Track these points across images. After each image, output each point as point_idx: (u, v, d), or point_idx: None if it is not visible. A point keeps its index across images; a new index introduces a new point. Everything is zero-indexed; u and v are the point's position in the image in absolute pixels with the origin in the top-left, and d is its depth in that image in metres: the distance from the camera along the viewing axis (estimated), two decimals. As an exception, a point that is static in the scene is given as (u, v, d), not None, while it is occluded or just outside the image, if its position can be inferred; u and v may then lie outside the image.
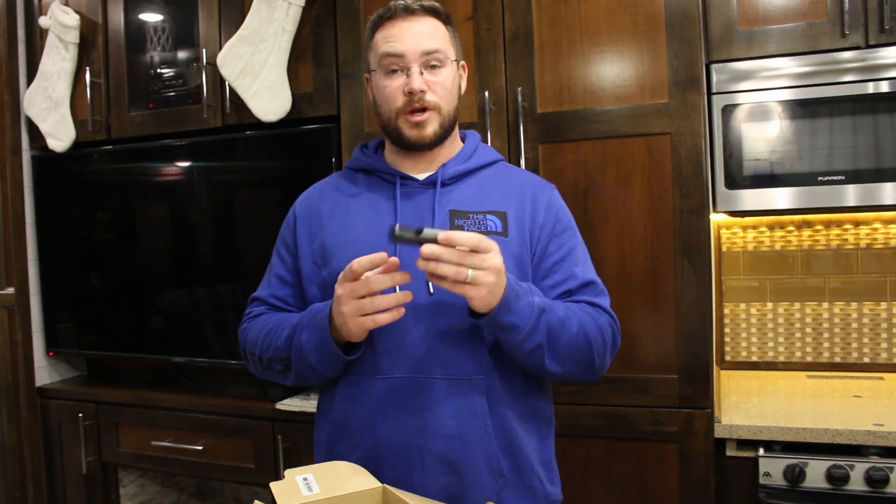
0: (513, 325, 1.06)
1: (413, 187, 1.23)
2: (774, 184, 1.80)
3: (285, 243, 1.30)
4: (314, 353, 1.13)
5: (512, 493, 1.17)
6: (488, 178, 1.26)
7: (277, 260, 1.31)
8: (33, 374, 2.45)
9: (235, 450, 2.12)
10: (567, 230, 1.25)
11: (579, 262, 1.23)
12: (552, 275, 1.21)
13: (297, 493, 0.98)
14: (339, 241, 1.22)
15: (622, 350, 1.74)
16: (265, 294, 1.30)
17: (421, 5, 1.18)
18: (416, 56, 1.16)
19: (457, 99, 1.23)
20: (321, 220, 1.26)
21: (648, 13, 1.70)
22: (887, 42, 1.71)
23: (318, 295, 1.23)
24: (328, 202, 1.28)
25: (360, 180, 1.28)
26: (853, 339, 2.10)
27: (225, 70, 2.05)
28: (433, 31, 1.18)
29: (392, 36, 1.17)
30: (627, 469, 1.75)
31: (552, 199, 1.27)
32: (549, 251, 1.22)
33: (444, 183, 1.23)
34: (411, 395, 1.14)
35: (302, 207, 1.30)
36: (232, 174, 2.26)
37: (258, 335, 1.24)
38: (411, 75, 1.16)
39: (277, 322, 1.22)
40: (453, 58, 1.21)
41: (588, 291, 1.22)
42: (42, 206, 2.49)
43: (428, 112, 1.18)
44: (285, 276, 1.29)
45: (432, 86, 1.17)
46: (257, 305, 1.31)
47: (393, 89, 1.17)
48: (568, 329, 1.12)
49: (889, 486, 1.50)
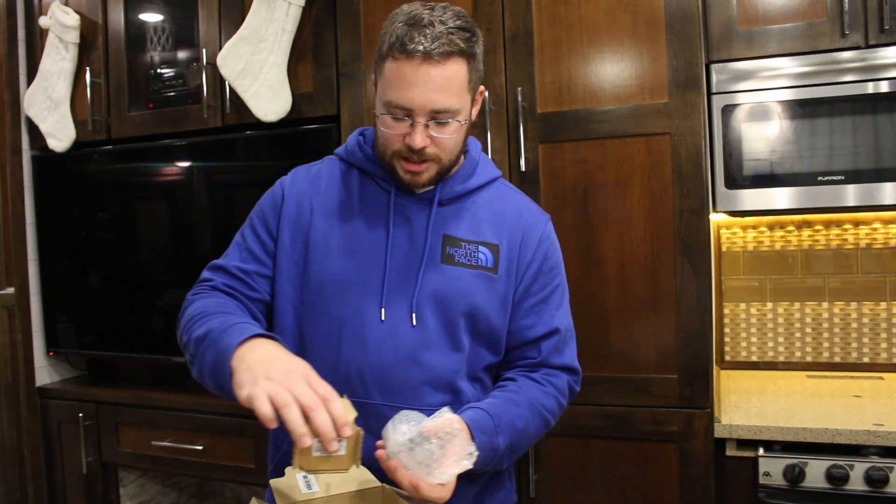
0: (478, 471, 1.08)
1: (409, 201, 1.18)
2: (774, 184, 1.80)
3: (265, 222, 1.22)
4: (211, 375, 1.01)
5: None
6: (486, 202, 1.21)
7: (251, 235, 1.22)
8: (33, 374, 2.45)
9: (235, 450, 2.12)
10: (554, 269, 1.24)
11: (559, 306, 1.24)
12: (530, 315, 1.21)
13: (297, 491, 0.98)
14: (323, 246, 1.17)
15: (622, 350, 1.76)
16: (231, 265, 1.19)
17: (442, 51, 1.04)
18: (423, 112, 1.06)
19: (461, 145, 1.16)
20: (310, 214, 1.19)
21: (648, 13, 1.70)
22: (887, 42, 1.71)
23: (291, 294, 1.18)
24: (320, 195, 1.21)
25: (355, 179, 1.22)
26: (853, 339, 2.10)
27: (225, 70, 2.05)
28: (449, 82, 1.06)
29: (403, 80, 1.05)
30: (627, 469, 1.75)
31: (544, 234, 1.23)
32: (532, 290, 1.21)
33: (441, 202, 1.18)
34: (382, 423, 1.01)
35: (292, 191, 1.22)
36: (232, 174, 2.26)
37: (196, 311, 1.11)
38: (415, 130, 1.07)
39: (215, 309, 1.10)
40: (465, 116, 1.12)
41: (561, 341, 1.22)
42: (42, 206, 2.49)
43: (426, 163, 1.12)
44: (259, 255, 1.20)
45: (436, 140, 1.10)
46: (220, 276, 1.20)
47: (394, 135, 1.10)
48: (527, 433, 1.16)
49: (889, 485, 1.50)
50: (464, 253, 1.16)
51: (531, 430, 1.16)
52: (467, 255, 1.17)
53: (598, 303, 1.76)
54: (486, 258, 1.17)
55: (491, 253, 1.18)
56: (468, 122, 1.14)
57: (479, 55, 1.12)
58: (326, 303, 1.15)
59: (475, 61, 1.11)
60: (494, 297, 1.17)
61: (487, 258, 1.18)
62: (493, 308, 1.17)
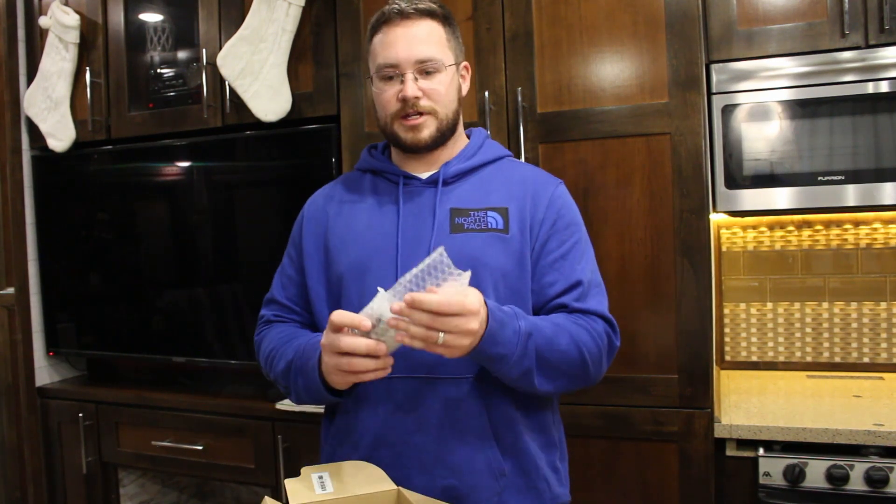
0: (500, 356, 1.05)
1: (416, 186, 1.24)
2: (774, 184, 1.80)
3: (294, 242, 1.32)
4: (308, 396, 1.16)
5: (514, 494, 1.17)
6: (491, 174, 1.26)
7: (287, 260, 1.33)
8: (33, 374, 2.45)
9: (235, 450, 2.12)
10: (570, 226, 1.23)
11: (580, 260, 1.21)
12: (551, 272, 1.19)
13: (310, 491, 0.98)
14: (341, 241, 1.23)
15: (622, 350, 1.74)
16: (279, 296, 1.32)
17: (416, 8, 1.17)
18: (409, 64, 1.16)
19: (456, 101, 1.23)
20: (326, 219, 1.27)
21: (648, 13, 1.70)
22: (887, 42, 1.71)
23: (323, 294, 1.24)
24: (334, 203, 1.29)
25: (367, 181, 1.29)
26: (853, 339, 2.10)
27: (225, 70, 2.05)
28: (428, 35, 1.17)
29: (387, 43, 1.17)
30: (627, 469, 1.75)
31: (555, 194, 1.24)
32: (549, 248, 1.20)
33: (446, 181, 1.23)
34: (409, 396, 1.14)
35: (310, 209, 1.32)
36: (232, 174, 2.26)
37: (266, 352, 1.26)
38: (405, 82, 1.16)
39: (280, 343, 1.23)
40: (450, 62, 1.20)
41: (584, 292, 1.19)
42: (42, 206, 2.49)
43: (423, 116, 1.18)
44: (293, 276, 1.31)
45: (427, 92, 1.17)
46: (271, 309, 1.33)
47: (388, 96, 1.18)
48: (557, 347, 1.10)
49: (889, 485, 1.50)
50: (473, 220, 1.19)
51: (562, 344, 1.10)
52: (477, 221, 1.19)
53: (598, 303, 1.76)
54: (496, 221, 1.19)
55: (500, 216, 1.20)
56: (457, 78, 1.23)
57: (453, 24, 1.23)
58: (349, 291, 1.19)
59: (451, 27, 1.22)
60: (510, 257, 1.17)
61: (497, 221, 1.19)
62: (510, 267, 1.17)
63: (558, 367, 1.11)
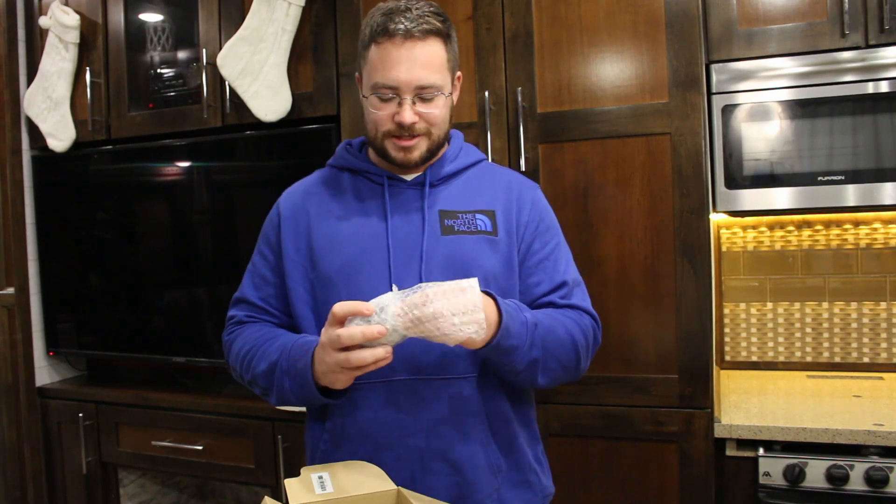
0: (513, 347, 1.07)
1: (401, 188, 1.23)
2: (774, 184, 1.80)
3: (268, 242, 1.28)
4: (297, 398, 1.13)
5: (510, 489, 1.18)
6: (475, 177, 1.27)
7: (260, 259, 1.29)
8: (33, 374, 2.45)
9: (235, 450, 2.12)
10: (551, 228, 1.27)
11: (561, 261, 1.25)
12: (536, 272, 1.22)
13: (310, 492, 0.98)
14: (327, 242, 1.21)
15: (622, 350, 1.75)
16: (252, 296, 1.28)
17: (422, 29, 1.12)
18: (409, 89, 1.12)
19: (449, 120, 1.21)
20: (308, 219, 1.24)
21: (648, 13, 1.70)
22: (887, 42, 1.71)
23: (306, 297, 1.22)
24: (314, 202, 1.25)
25: (346, 180, 1.26)
26: (853, 339, 2.10)
27: (225, 70, 2.05)
28: (431, 58, 1.13)
29: (388, 63, 1.12)
30: (627, 469, 1.75)
31: (536, 198, 1.28)
32: (534, 249, 1.23)
33: (433, 184, 1.23)
34: (409, 397, 1.14)
35: (287, 206, 1.28)
36: (232, 174, 2.26)
37: (240, 352, 1.22)
38: (403, 107, 1.13)
39: (258, 342, 1.20)
40: (449, 89, 1.18)
41: (570, 291, 1.23)
42: (42, 206, 2.49)
43: (416, 138, 1.16)
44: (268, 276, 1.27)
45: (424, 116, 1.15)
46: (242, 309, 1.29)
47: (383, 115, 1.15)
48: (557, 337, 1.13)
49: (889, 485, 1.50)
50: (462, 222, 1.20)
51: (560, 335, 1.14)
52: (466, 224, 1.20)
53: (598, 303, 1.73)
54: (485, 223, 1.21)
55: (488, 218, 1.21)
56: (451, 97, 1.20)
57: (454, 39, 1.19)
58: (338, 294, 1.17)
59: (451, 43, 1.18)
60: (499, 259, 1.19)
61: (486, 223, 1.21)
62: (500, 269, 1.19)
63: (559, 358, 1.14)
